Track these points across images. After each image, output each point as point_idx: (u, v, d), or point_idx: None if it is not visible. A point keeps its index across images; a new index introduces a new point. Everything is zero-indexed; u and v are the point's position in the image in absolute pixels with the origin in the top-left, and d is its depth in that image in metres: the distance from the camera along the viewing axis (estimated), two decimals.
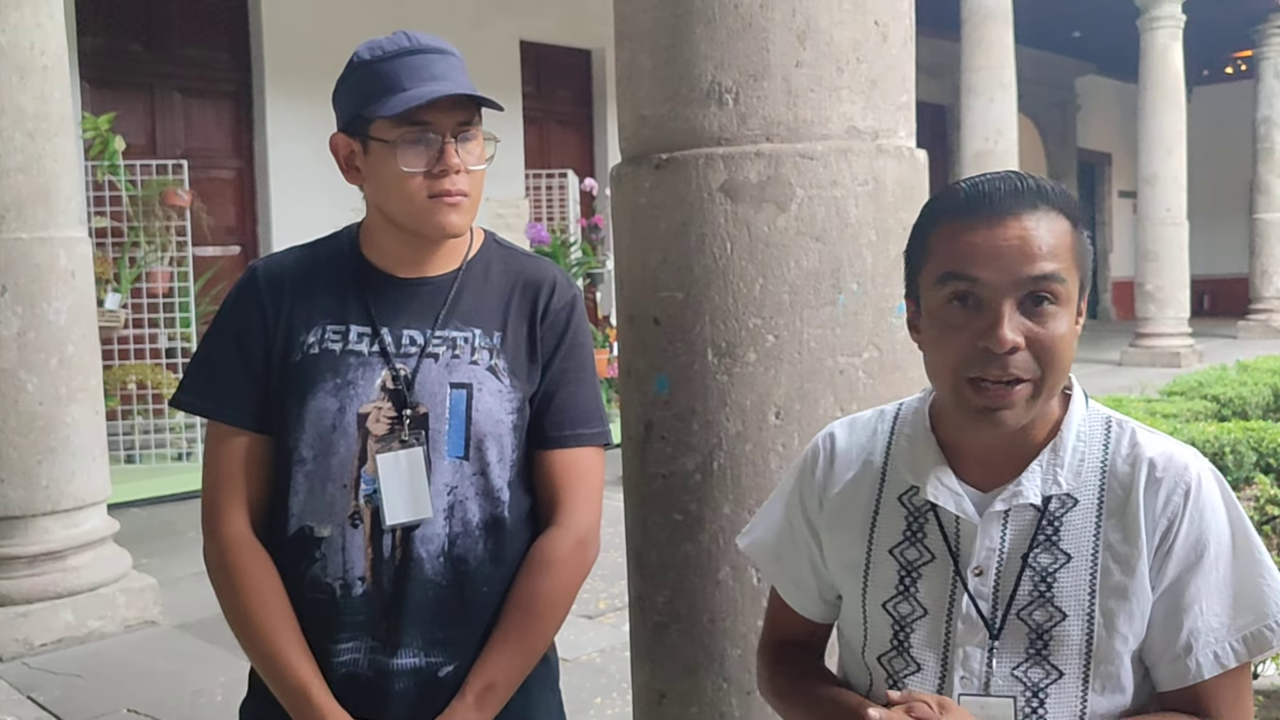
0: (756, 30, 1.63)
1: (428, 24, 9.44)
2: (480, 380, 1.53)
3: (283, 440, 1.53)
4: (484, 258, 1.61)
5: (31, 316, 4.21)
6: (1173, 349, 12.16)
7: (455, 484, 1.51)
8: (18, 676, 3.99)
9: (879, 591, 1.28)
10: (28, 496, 4.24)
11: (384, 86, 1.46)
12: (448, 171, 1.47)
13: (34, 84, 4.20)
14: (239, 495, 1.53)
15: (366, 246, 1.59)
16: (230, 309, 1.58)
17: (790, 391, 1.65)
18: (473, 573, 1.52)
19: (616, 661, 3.99)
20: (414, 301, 1.55)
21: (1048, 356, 1.14)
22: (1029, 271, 1.13)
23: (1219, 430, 4.28)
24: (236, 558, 1.50)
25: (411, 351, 1.53)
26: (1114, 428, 1.24)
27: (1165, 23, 11.97)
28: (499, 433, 1.53)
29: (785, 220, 1.64)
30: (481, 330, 1.55)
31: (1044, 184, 1.18)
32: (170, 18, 8.73)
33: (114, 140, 6.73)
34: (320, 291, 1.56)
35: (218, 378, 1.55)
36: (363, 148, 1.50)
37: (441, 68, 1.48)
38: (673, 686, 1.77)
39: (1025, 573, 1.20)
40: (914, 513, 1.27)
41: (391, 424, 1.50)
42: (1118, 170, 19.84)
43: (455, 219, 1.50)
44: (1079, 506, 1.20)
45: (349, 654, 1.50)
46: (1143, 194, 12.48)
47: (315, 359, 1.52)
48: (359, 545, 1.49)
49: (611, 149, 11.45)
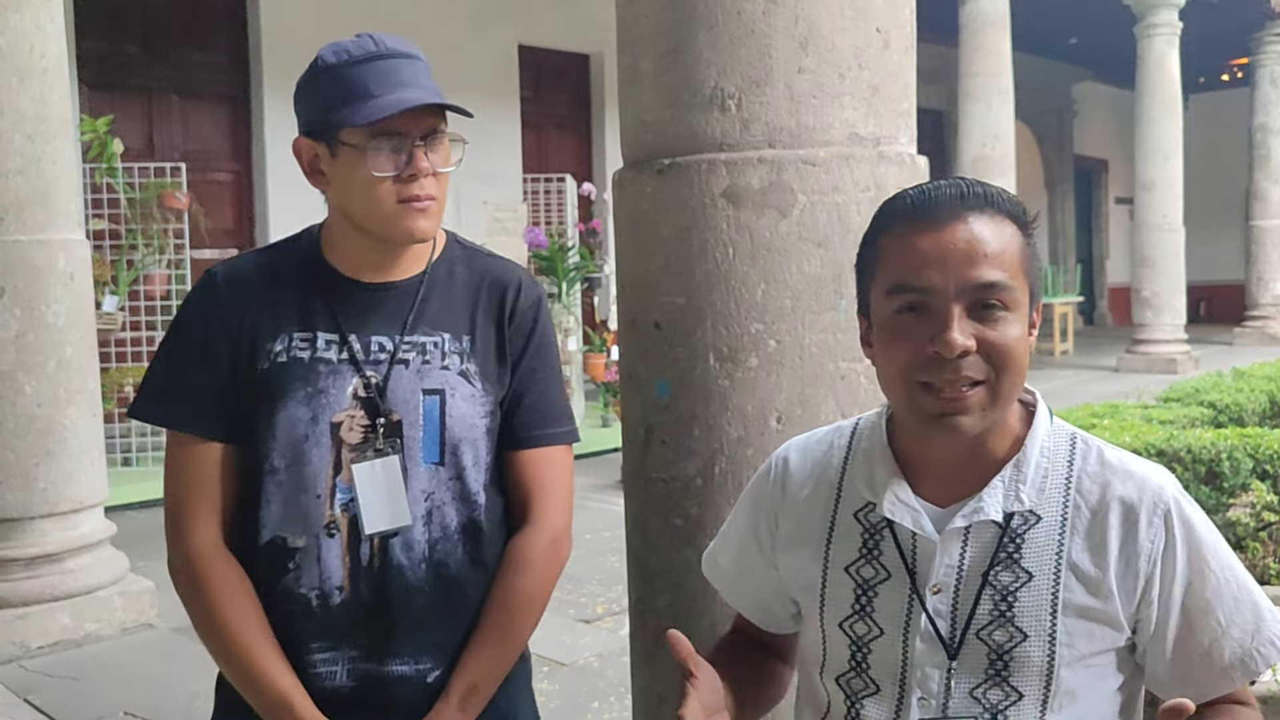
0: (759, 36, 1.64)
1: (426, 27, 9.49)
2: (453, 385, 1.53)
3: (252, 450, 1.50)
4: (448, 259, 1.60)
5: (30, 319, 4.21)
6: (1169, 355, 12.17)
7: (432, 490, 1.51)
8: (14, 679, 3.99)
9: (835, 611, 1.25)
10: (25, 499, 4.23)
11: (352, 92, 1.44)
12: (417, 176, 1.46)
13: (33, 87, 4.21)
14: (208, 505, 1.50)
15: (329, 251, 1.56)
16: (192, 316, 1.54)
17: (792, 397, 1.66)
18: (454, 576, 1.53)
19: (614, 666, 3.99)
20: (381, 307, 1.54)
21: (1000, 359, 1.12)
22: (976, 276, 1.12)
23: (1215, 436, 4.29)
24: (209, 568, 1.47)
25: (381, 358, 1.51)
26: (1079, 444, 1.21)
27: (1162, 30, 12.00)
28: (473, 437, 1.54)
29: (787, 226, 1.65)
30: (450, 334, 1.55)
31: (991, 189, 1.17)
32: (169, 21, 8.74)
33: (112, 143, 6.73)
34: (284, 297, 1.53)
35: (182, 386, 1.51)
36: (329, 152, 1.48)
37: (409, 72, 1.47)
38: (672, 690, 1.77)
39: (985, 591, 1.16)
40: (870, 529, 1.24)
41: (365, 432, 1.49)
42: (1114, 177, 19.89)
43: (424, 224, 1.48)
44: (1041, 524, 1.17)
45: (326, 665, 1.49)
46: (1139, 200, 12.50)
47: (284, 368, 1.49)
48: (336, 555, 1.48)
49: (610, 153, 11.47)
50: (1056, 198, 18.40)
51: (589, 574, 5.16)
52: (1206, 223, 17.56)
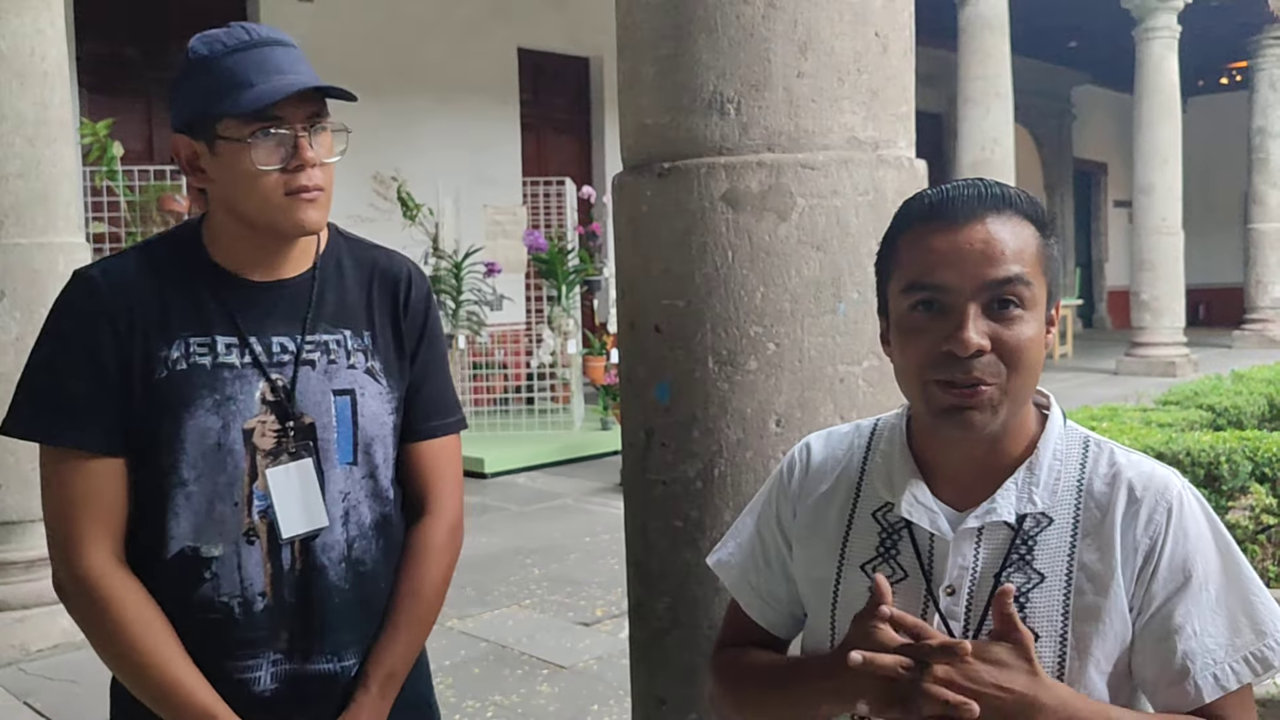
0: (758, 41, 1.64)
1: (425, 31, 9.47)
2: (361, 385, 1.52)
3: (150, 461, 1.43)
4: (334, 252, 1.58)
5: (30, 322, 4.20)
6: (1168, 358, 12.17)
7: (348, 490, 1.51)
8: (14, 682, 3.99)
9: (849, 608, 1.24)
10: (25, 502, 4.24)
11: (229, 82, 1.38)
12: (304, 166, 1.41)
13: (34, 90, 4.21)
14: (100, 523, 1.42)
15: (213, 249, 1.50)
16: (72, 321, 1.44)
17: (791, 399, 1.66)
18: (369, 572, 1.54)
19: (614, 669, 3.99)
20: (276, 306, 1.50)
21: (1013, 360, 1.13)
22: (993, 274, 1.13)
23: (1214, 440, 4.29)
24: (111, 587, 1.41)
25: (285, 360, 1.49)
26: (1092, 447, 1.23)
27: (1161, 33, 12.01)
28: (383, 434, 1.55)
29: (786, 229, 1.65)
30: (351, 331, 1.54)
31: (1010, 190, 1.18)
32: (169, 24, 8.74)
33: (112, 146, 6.72)
34: (173, 298, 1.46)
35: (67, 398, 1.42)
36: (208, 148, 1.42)
37: (285, 60, 1.43)
38: (672, 693, 1.78)
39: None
40: (887, 529, 1.25)
41: (278, 437, 1.47)
42: (1113, 180, 19.90)
43: (314, 214, 1.44)
44: (1054, 526, 1.18)
45: (250, 670, 1.47)
46: (1138, 204, 12.51)
47: (185, 375, 1.43)
48: (256, 561, 1.46)
49: (609, 156, 11.48)
50: (1055, 201, 18.41)
51: (589, 577, 5.16)
52: (1205, 226, 17.60)
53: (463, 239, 8.57)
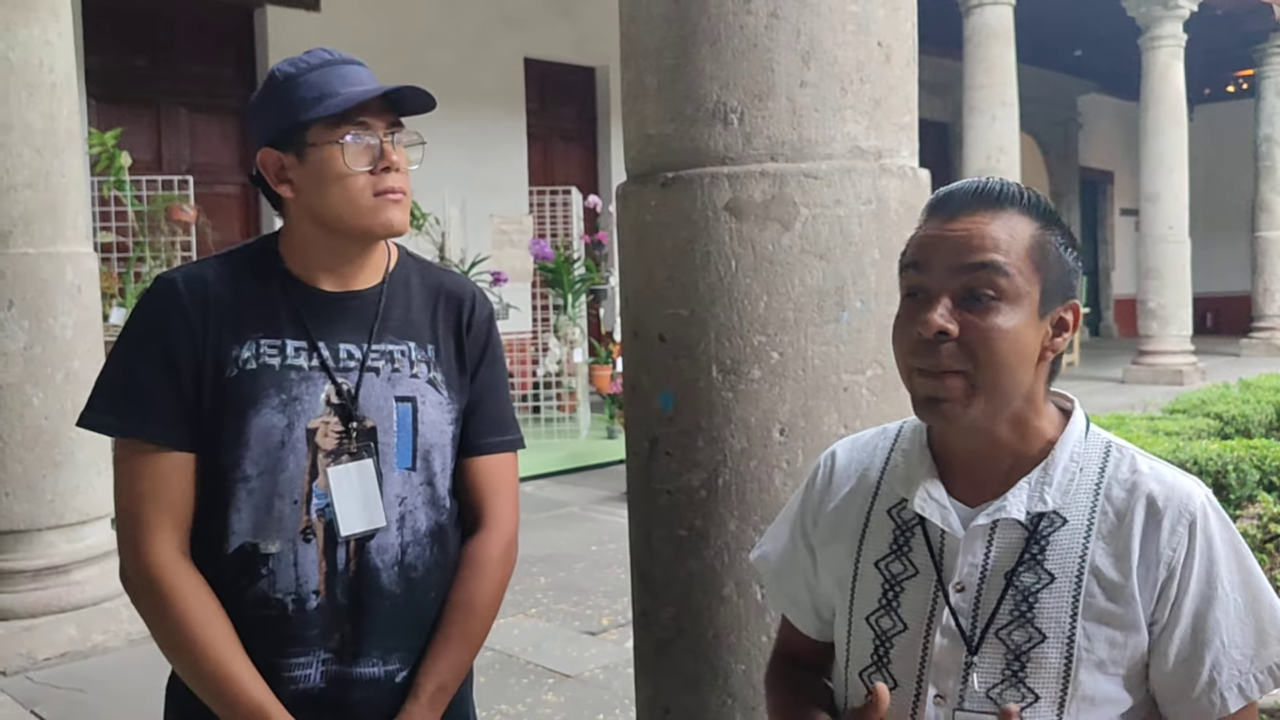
0: (761, 51, 1.65)
1: (432, 40, 9.51)
2: (423, 393, 1.57)
3: (217, 457, 1.49)
4: (403, 271, 1.64)
5: (38, 331, 4.23)
6: (1175, 367, 12.15)
7: (405, 494, 1.55)
8: (21, 691, 3.99)
9: (863, 605, 1.27)
10: (32, 510, 4.25)
11: (317, 93, 1.48)
12: (390, 169, 1.49)
13: (42, 100, 4.23)
14: (166, 516, 1.47)
15: (289, 260, 1.57)
16: (151, 321, 1.51)
17: (795, 408, 1.66)
18: (421, 579, 1.56)
19: (619, 678, 3.99)
20: (345, 315, 1.56)
21: (981, 350, 1.13)
22: (964, 259, 1.15)
23: (1222, 448, 4.28)
24: (173, 581, 1.46)
25: (351, 365, 1.54)
26: (1114, 452, 1.22)
27: (1167, 42, 12.01)
28: (442, 443, 1.59)
29: (789, 239, 1.65)
30: (415, 343, 1.59)
31: (1010, 186, 1.19)
32: (177, 35, 8.79)
33: (120, 156, 6.75)
34: (247, 303, 1.53)
35: (142, 393, 1.49)
36: (297, 158, 1.50)
37: (364, 75, 1.53)
38: (677, 702, 1.78)
39: (1008, 591, 1.17)
40: (901, 526, 1.26)
41: (340, 438, 1.51)
42: (1120, 188, 19.87)
43: (399, 216, 1.52)
44: (1067, 526, 1.17)
45: (301, 668, 1.50)
46: (1145, 212, 12.50)
47: (254, 374, 1.49)
48: (312, 559, 1.50)
49: (615, 166, 11.50)
50: (1062, 209, 18.36)
51: (594, 586, 5.16)
52: (1212, 234, 17.56)
53: (469, 248, 8.58)
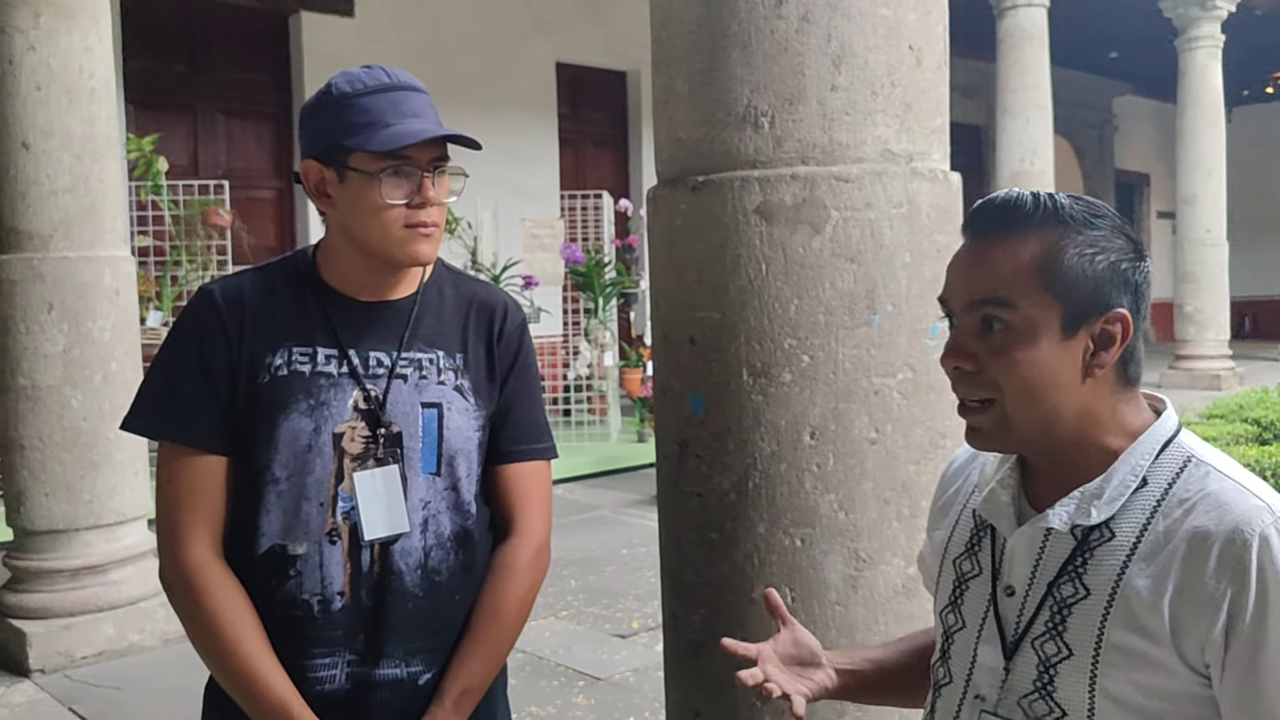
0: (792, 55, 1.65)
1: (465, 46, 9.54)
2: (449, 400, 1.60)
3: (249, 461, 1.53)
4: (437, 282, 1.67)
5: (77, 334, 4.29)
6: (1213, 371, 12.01)
7: (429, 499, 1.58)
8: (59, 688, 4.05)
9: (940, 599, 1.30)
10: (71, 511, 4.31)
11: (366, 120, 1.50)
12: (425, 204, 1.52)
13: (82, 107, 4.30)
14: (202, 518, 1.53)
15: (326, 271, 1.61)
16: (190, 330, 1.57)
17: (825, 412, 1.66)
18: (445, 583, 1.59)
19: (649, 681, 3.99)
20: (377, 324, 1.59)
21: (1001, 381, 1.12)
22: (969, 295, 1.14)
23: (1260, 454, 4.23)
24: (207, 580, 1.51)
25: (380, 373, 1.57)
26: (1190, 467, 1.12)
27: (1204, 43, 11.88)
28: (468, 449, 1.61)
29: (820, 242, 1.65)
30: (444, 351, 1.62)
31: (1025, 203, 1.13)
32: (213, 41, 8.90)
33: (157, 161, 6.84)
34: (281, 313, 1.57)
35: (179, 399, 1.54)
36: (338, 176, 1.53)
37: (418, 104, 1.55)
38: (707, 705, 1.78)
39: (1047, 601, 1.15)
40: (979, 526, 1.26)
41: (366, 443, 1.55)
42: (1156, 191, 19.67)
43: (428, 248, 1.55)
44: (1113, 542, 1.12)
45: (326, 669, 1.54)
46: (1182, 215, 12.36)
47: (285, 380, 1.54)
48: (337, 561, 1.53)
49: (646, 170, 11.51)
50: None
51: (625, 589, 5.16)
52: (1251, 237, 17.33)
53: (501, 252, 8.62)
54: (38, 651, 4.19)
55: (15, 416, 4.28)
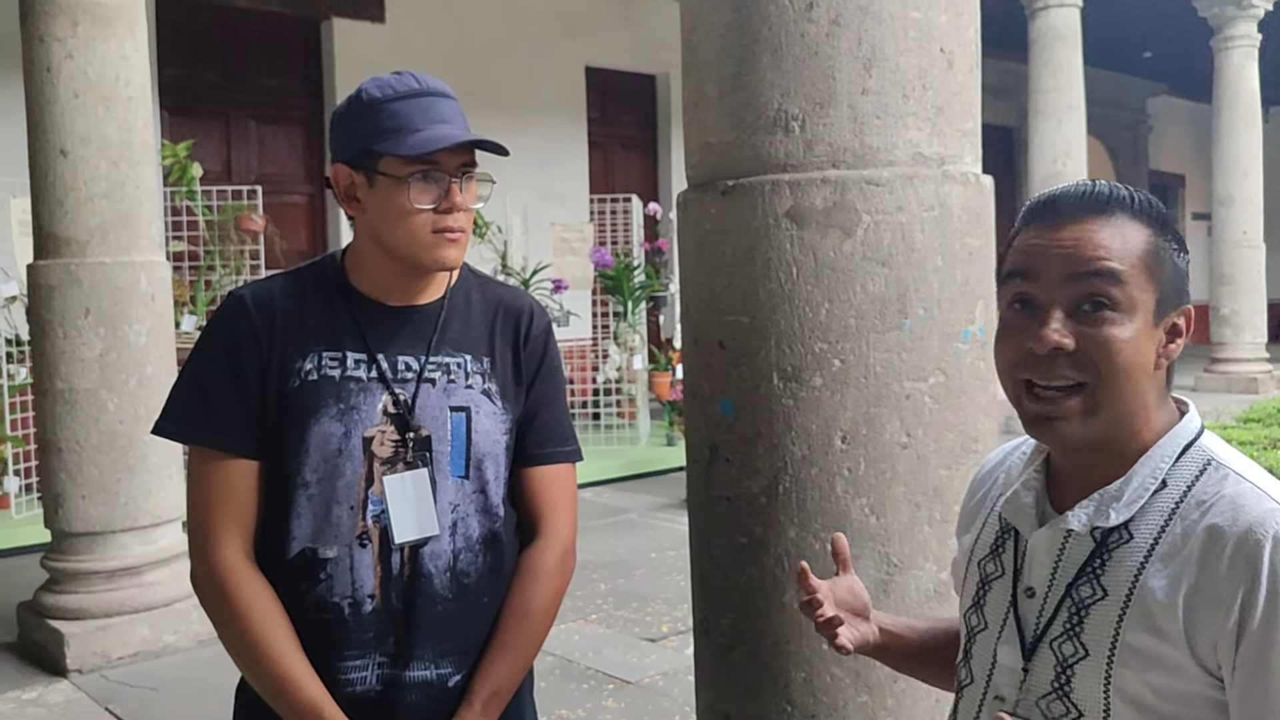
0: (823, 59, 1.65)
1: (495, 50, 9.58)
2: (477, 404, 1.61)
3: (280, 465, 1.55)
4: (464, 286, 1.69)
5: (113, 338, 4.34)
6: (1250, 375, 11.87)
7: (458, 502, 1.59)
8: (96, 688, 4.10)
9: (965, 600, 1.30)
10: (107, 513, 4.36)
11: (396, 125, 1.51)
12: (453, 210, 1.54)
13: (118, 114, 4.35)
14: (233, 521, 1.54)
15: (354, 275, 1.62)
16: (220, 336, 1.58)
17: (856, 416, 1.66)
18: (474, 585, 1.60)
19: (679, 685, 3.99)
20: (405, 329, 1.61)
21: (1100, 363, 1.09)
22: (1078, 269, 1.10)
23: None
24: (238, 583, 1.52)
25: (408, 377, 1.59)
26: (1210, 470, 1.12)
27: (1240, 42, 11.75)
28: (495, 453, 1.62)
29: (851, 245, 1.65)
30: (471, 356, 1.63)
31: (1121, 192, 1.14)
32: (247, 49, 8.99)
33: (192, 167, 6.91)
34: (311, 317, 1.58)
35: (210, 404, 1.55)
36: (367, 181, 1.55)
37: (447, 110, 1.55)
38: (736, 709, 1.78)
39: (1065, 602, 1.15)
40: (1004, 527, 1.26)
41: (396, 447, 1.56)
42: (1191, 192, 19.46)
43: (454, 253, 1.56)
44: (1132, 544, 1.11)
45: (357, 671, 1.55)
46: (1217, 216, 12.23)
47: (315, 385, 1.55)
48: (368, 564, 1.55)
49: (676, 173, 11.52)
50: None
51: (655, 593, 5.16)
52: None
53: (530, 256, 8.65)
54: (75, 652, 4.24)
55: (53, 419, 4.34)
